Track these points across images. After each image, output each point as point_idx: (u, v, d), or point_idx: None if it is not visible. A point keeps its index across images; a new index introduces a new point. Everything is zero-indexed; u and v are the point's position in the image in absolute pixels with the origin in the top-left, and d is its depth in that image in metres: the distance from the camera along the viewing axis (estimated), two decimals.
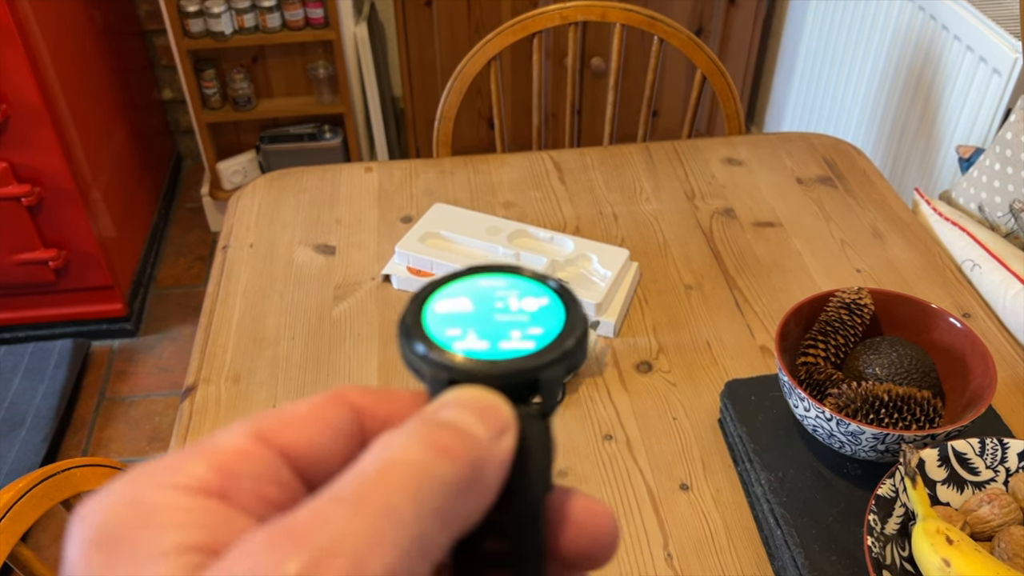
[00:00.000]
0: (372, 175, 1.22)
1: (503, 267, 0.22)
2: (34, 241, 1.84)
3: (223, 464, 0.17)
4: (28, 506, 0.77)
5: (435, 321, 0.21)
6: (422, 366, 0.20)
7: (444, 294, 0.22)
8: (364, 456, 0.17)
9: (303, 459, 0.18)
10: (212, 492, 0.17)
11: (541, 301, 0.21)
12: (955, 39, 1.51)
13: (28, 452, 1.70)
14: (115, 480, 0.17)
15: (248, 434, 0.18)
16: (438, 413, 0.18)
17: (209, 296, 1.02)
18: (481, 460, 0.17)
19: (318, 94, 2.24)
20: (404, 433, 0.17)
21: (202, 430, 0.86)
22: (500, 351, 0.20)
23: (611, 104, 1.48)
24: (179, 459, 0.17)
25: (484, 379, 0.19)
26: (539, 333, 0.20)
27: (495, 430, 0.18)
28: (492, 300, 0.22)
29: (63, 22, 1.85)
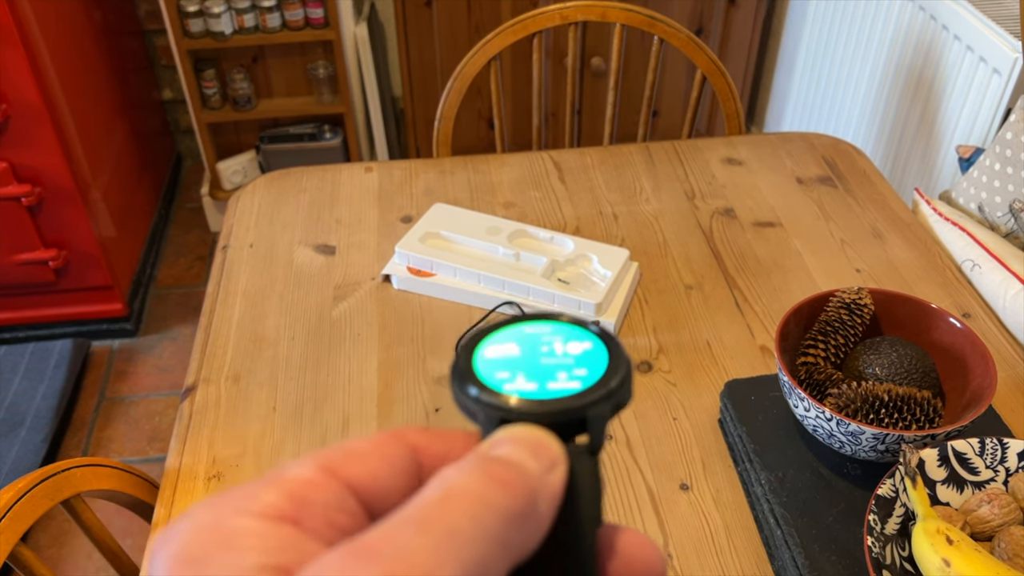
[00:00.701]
0: (372, 175, 1.22)
1: (546, 315, 0.24)
2: (34, 241, 1.84)
3: (294, 493, 0.18)
4: (28, 506, 0.77)
5: (485, 366, 0.22)
6: (475, 408, 0.21)
7: (492, 340, 0.23)
8: (426, 487, 0.18)
9: (367, 491, 0.19)
10: (285, 518, 0.18)
11: (585, 345, 0.23)
12: (955, 39, 1.51)
13: (28, 452, 1.70)
14: (194, 506, 0.18)
15: (317, 466, 0.19)
16: (493, 450, 0.19)
17: (209, 296, 1.02)
18: (534, 492, 0.18)
19: (318, 94, 2.24)
20: (462, 466, 0.18)
21: (202, 430, 0.86)
22: (548, 391, 0.21)
23: (611, 104, 1.48)
24: (253, 488, 0.19)
25: (534, 418, 0.21)
26: (584, 374, 0.22)
27: (546, 465, 0.19)
28: (538, 345, 0.23)
29: (63, 22, 1.85)
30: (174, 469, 0.83)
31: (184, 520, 0.18)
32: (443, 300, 1.00)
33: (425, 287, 1.01)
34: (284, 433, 0.85)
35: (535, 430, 0.20)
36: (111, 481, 0.86)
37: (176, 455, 0.84)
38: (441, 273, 1.01)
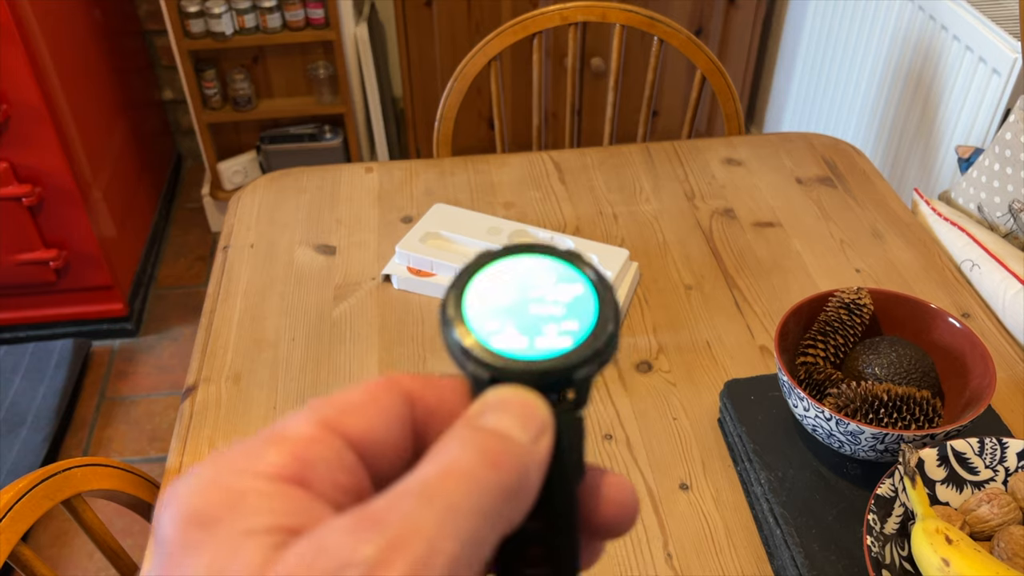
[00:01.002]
0: (372, 175, 1.22)
1: (539, 247, 0.23)
2: (34, 241, 1.84)
3: (297, 452, 0.19)
4: (28, 506, 0.77)
5: (475, 312, 0.22)
6: (465, 361, 0.21)
7: (483, 277, 0.23)
8: (424, 461, 0.19)
9: (363, 444, 0.20)
10: (292, 479, 0.18)
11: (575, 289, 0.22)
12: (954, 39, 1.51)
13: (28, 452, 1.70)
14: (199, 466, 0.19)
15: (314, 422, 0.20)
16: (483, 417, 0.20)
17: (209, 296, 1.02)
18: (525, 466, 0.19)
19: (318, 94, 2.24)
20: (457, 440, 0.19)
21: (202, 430, 0.86)
22: (537, 350, 0.21)
23: (611, 104, 1.48)
24: (256, 447, 0.19)
25: (523, 378, 0.21)
26: (574, 328, 0.22)
27: (535, 433, 0.20)
28: (529, 288, 0.23)
29: (63, 22, 1.85)
30: (175, 469, 0.83)
31: (190, 479, 0.18)
32: None
33: (425, 287, 1.01)
34: None
35: (524, 395, 0.21)
36: (112, 481, 0.86)
37: (176, 455, 0.84)
38: (441, 273, 1.01)
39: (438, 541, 0.17)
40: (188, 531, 0.18)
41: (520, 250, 0.23)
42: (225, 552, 0.17)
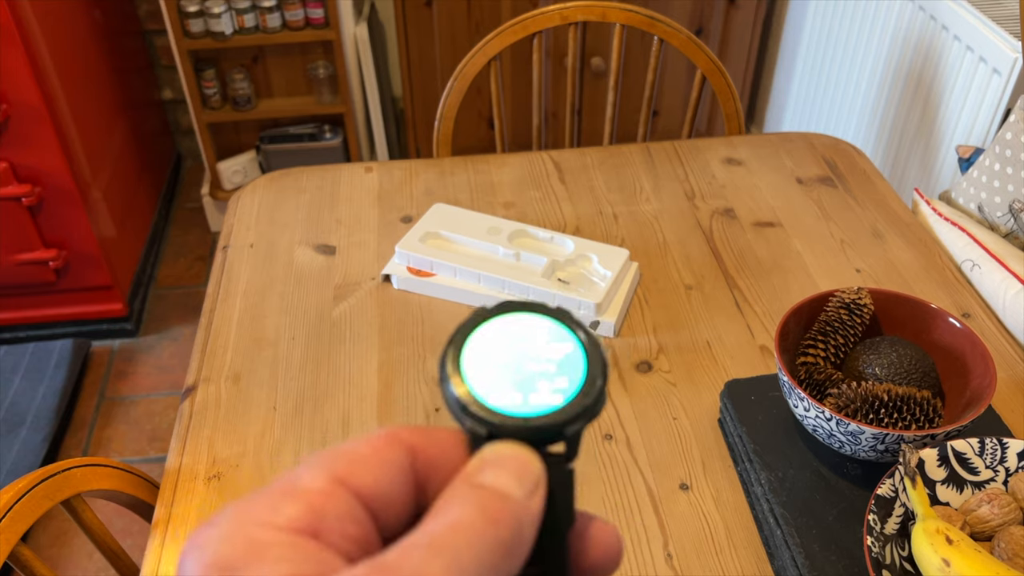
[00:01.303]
0: (372, 175, 1.22)
1: (532, 306, 0.25)
2: (34, 241, 1.84)
3: (313, 506, 0.20)
4: (28, 506, 0.77)
5: (472, 370, 0.24)
6: (463, 417, 0.23)
7: (480, 335, 0.24)
8: (430, 517, 0.20)
9: (371, 498, 0.21)
10: (307, 532, 0.20)
11: (566, 348, 0.24)
12: (955, 39, 1.51)
13: (28, 452, 1.70)
14: (221, 515, 0.20)
15: (327, 476, 0.21)
16: (482, 474, 0.22)
17: (209, 296, 1.02)
18: (520, 521, 0.21)
19: (318, 94, 2.24)
20: (459, 498, 0.21)
21: (202, 430, 0.86)
22: (531, 407, 0.23)
23: (611, 104, 1.48)
24: (273, 500, 0.20)
25: (518, 434, 0.23)
26: (564, 386, 0.23)
27: (529, 488, 0.22)
28: (523, 345, 0.24)
29: (63, 22, 1.85)
30: (174, 469, 0.83)
31: (212, 528, 0.20)
32: (443, 300, 1.00)
33: (425, 287, 1.01)
34: (284, 433, 0.85)
35: (519, 452, 0.22)
36: (111, 481, 0.86)
37: (176, 455, 0.84)
38: (441, 273, 1.01)
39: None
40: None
41: (514, 308, 0.25)
42: None
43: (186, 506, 0.79)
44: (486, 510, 0.20)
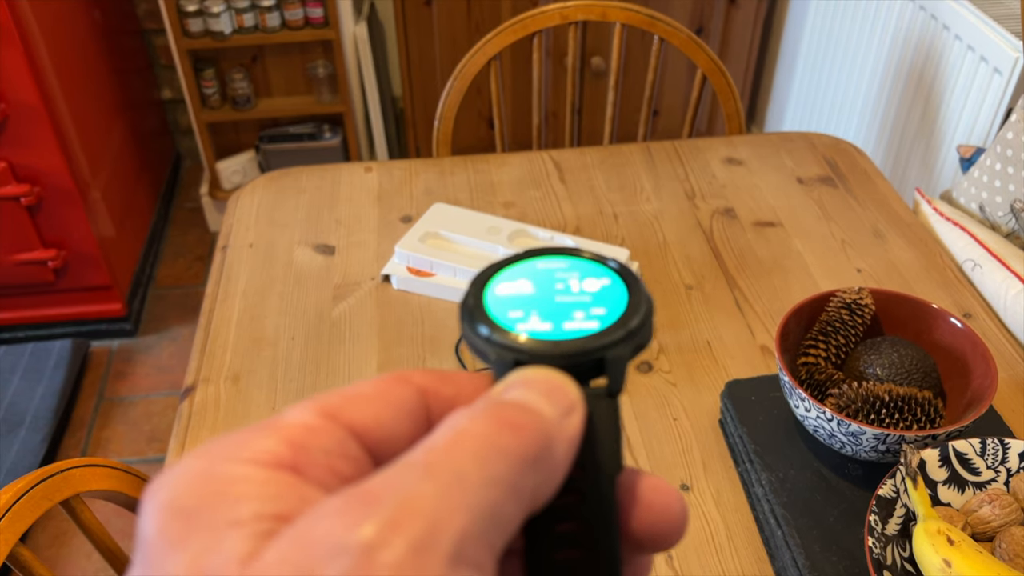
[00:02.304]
0: (372, 175, 1.21)
1: (562, 249, 0.22)
2: (33, 241, 1.84)
3: (293, 439, 0.17)
4: (27, 506, 0.77)
5: (497, 303, 0.21)
6: (486, 348, 0.20)
7: (504, 277, 0.22)
8: (434, 432, 0.17)
9: (371, 436, 0.18)
10: (284, 465, 0.17)
11: (602, 282, 0.21)
12: (956, 39, 1.51)
13: (27, 452, 1.69)
14: (185, 456, 0.17)
15: (315, 411, 0.18)
16: (505, 393, 0.18)
17: (208, 296, 1.02)
18: (549, 436, 0.17)
19: (317, 94, 2.24)
20: (472, 410, 0.18)
21: (201, 431, 0.86)
22: (564, 331, 0.20)
23: (611, 104, 1.48)
24: (248, 435, 0.17)
25: (549, 359, 0.19)
26: (602, 313, 0.20)
27: (563, 409, 0.18)
28: (553, 282, 0.22)
29: (62, 21, 1.84)
30: None
31: (175, 470, 0.17)
32: (443, 300, 1.00)
33: (425, 287, 1.00)
34: None
35: (550, 372, 0.19)
36: (110, 481, 0.86)
37: (175, 456, 0.84)
38: (441, 273, 1.00)
39: (443, 515, 0.15)
40: (170, 524, 0.16)
41: (542, 252, 0.22)
42: (208, 545, 0.15)
43: None
44: (504, 418, 0.17)
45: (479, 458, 0.16)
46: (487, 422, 0.17)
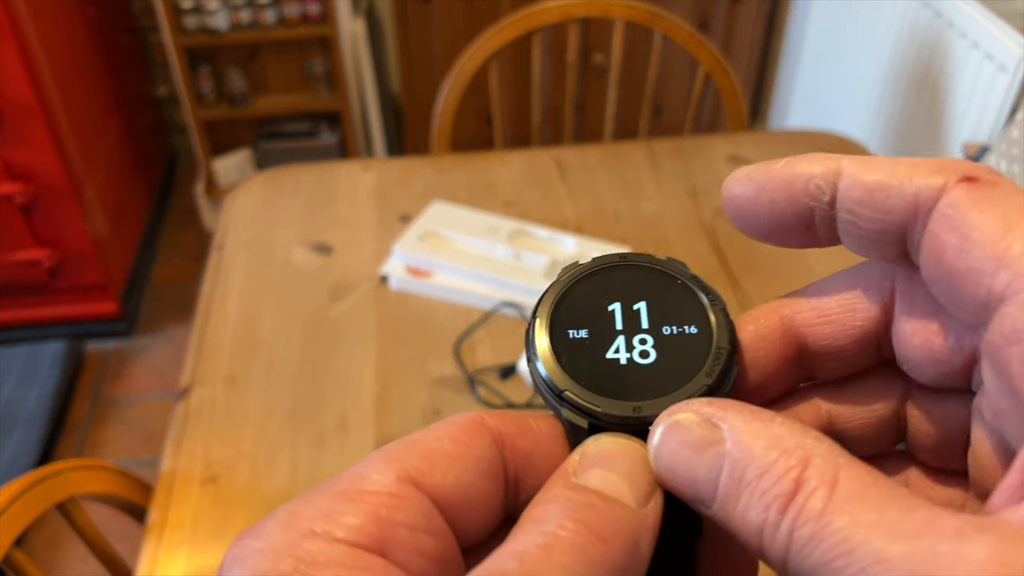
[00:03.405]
0: (370, 173, 1.20)
1: (634, 258, 0.21)
2: (27, 240, 1.82)
3: (379, 512, 0.16)
4: (22, 509, 0.76)
5: (566, 344, 0.19)
6: (559, 406, 0.19)
7: (574, 301, 0.20)
8: (519, 530, 0.16)
9: (453, 502, 0.17)
10: (372, 547, 0.16)
11: (679, 312, 0.20)
12: (961, 36, 1.50)
13: (22, 454, 1.68)
14: (266, 523, 0.16)
15: (398, 476, 0.17)
16: (584, 475, 0.17)
17: (204, 296, 1.01)
18: (636, 536, 0.16)
19: (315, 91, 2.22)
20: (557, 504, 0.17)
21: (197, 432, 0.85)
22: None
23: (613, 101, 1.47)
24: (332, 503, 0.16)
25: (625, 426, 0.18)
26: (680, 366, 0.19)
27: (644, 494, 0.17)
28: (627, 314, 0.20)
29: (57, 18, 1.83)
30: (169, 472, 0.81)
31: (257, 539, 0.16)
32: (442, 300, 0.98)
33: (424, 287, 0.99)
34: (280, 435, 0.84)
35: (630, 446, 0.18)
36: (106, 484, 0.84)
37: (171, 458, 0.83)
38: (440, 273, 0.99)
39: None
40: None
41: (613, 263, 0.20)
42: None
43: (181, 509, 0.78)
44: (591, 523, 0.16)
45: (572, 572, 0.15)
46: (576, 528, 0.16)
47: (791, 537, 0.15)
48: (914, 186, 0.17)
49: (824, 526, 0.15)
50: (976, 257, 0.16)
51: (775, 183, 0.19)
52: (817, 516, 0.15)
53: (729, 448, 0.16)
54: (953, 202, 0.16)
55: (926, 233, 0.17)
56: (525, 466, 0.18)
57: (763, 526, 0.15)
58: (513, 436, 0.18)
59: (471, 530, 0.18)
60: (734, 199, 0.20)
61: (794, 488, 0.15)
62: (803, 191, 0.18)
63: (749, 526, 0.16)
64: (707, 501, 0.17)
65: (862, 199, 0.18)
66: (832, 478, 0.15)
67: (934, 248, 0.17)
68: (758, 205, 0.19)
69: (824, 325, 0.20)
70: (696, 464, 0.17)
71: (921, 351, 0.19)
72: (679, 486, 0.17)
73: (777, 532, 0.15)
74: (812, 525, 0.15)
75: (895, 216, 0.17)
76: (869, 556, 0.14)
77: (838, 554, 0.14)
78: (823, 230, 0.19)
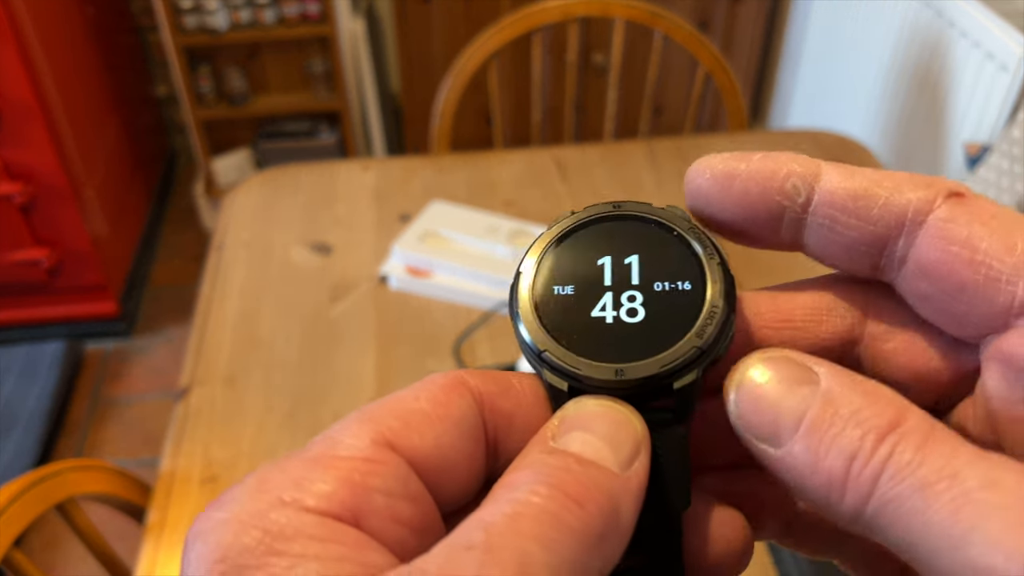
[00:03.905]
0: (369, 173, 1.20)
1: (623, 209, 0.19)
2: (26, 240, 1.82)
3: (353, 479, 0.15)
4: (21, 509, 0.76)
5: (549, 302, 0.18)
6: (539, 366, 0.18)
7: (559, 257, 0.19)
8: (489, 498, 0.15)
9: (430, 464, 0.16)
10: (344, 515, 0.15)
11: (672, 267, 0.18)
12: (961, 35, 1.50)
13: (21, 454, 1.68)
14: (236, 490, 0.15)
15: (373, 439, 0.16)
16: (563, 438, 0.16)
17: (203, 296, 1.00)
18: (616, 500, 0.15)
19: (314, 90, 2.22)
20: (531, 469, 0.16)
21: (196, 432, 0.84)
22: (626, 352, 0.17)
23: (613, 101, 1.46)
24: (303, 470, 0.16)
25: (609, 388, 0.17)
26: (670, 322, 0.18)
27: (628, 455, 0.16)
28: (616, 269, 0.19)
29: (56, 18, 1.83)
30: (168, 472, 0.81)
31: (224, 510, 0.15)
32: (442, 300, 0.98)
33: (423, 287, 0.99)
34: (280, 435, 0.84)
35: (612, 408, 0.17)
36: (105, 484, 0.84)
37: (171, 458, 0.83)
38: (439, 272, 0.99)
39: None
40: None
41: (606, 214, 0.19)
42: None
43: (180, 510, 0.78)
44: (566, 487, 0.15)
45: (543, 540, 0.14)
46: (549, 493, 0.15)
47: (886, 464, 0.14)
48: (904, 198, 0.17)
49: (927, 453, 0.14)
50: (994, 268, 0.16)
51: (750, 173, 0.18)
52: (918, 446, 0.14)
53: (824, 386, 0.16)
54: (949, 216, 0.16)
55: (921, 246, 0.17)
56: (506, 427, 0.17)
57: (855, 455, 0.15)
58: (494, 396, 0.18)
59: (451, 494, 0.17)
60: (701, 186, 0.19)
61: (895, 422, 0.15)
62: (778, 188, 0.18)
63: (834, 460, 0.15)
64: (783, 437, 0.16)
65: (845, 206, 0.17)
66: (930, 426, 0.15)
67: (937, 261, 0.16)
68: (728, 194, 0.18)
69: (785, 329, 0.19)
70: (784, 397, 0.16)
71: (906, 371, 0.18)
72: (757, 421, 0.16)
73: (871, 460, 0.15)
74: (912, 452, 0.14)
75: (879, 227, 0.17)
76: (977, 479, 0.14)
77: (941, 477, 0.14)
78: (788, 232, 0.18)
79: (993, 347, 0.16)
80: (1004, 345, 0.16)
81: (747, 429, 0.17)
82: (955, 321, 0.17)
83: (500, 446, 0.18)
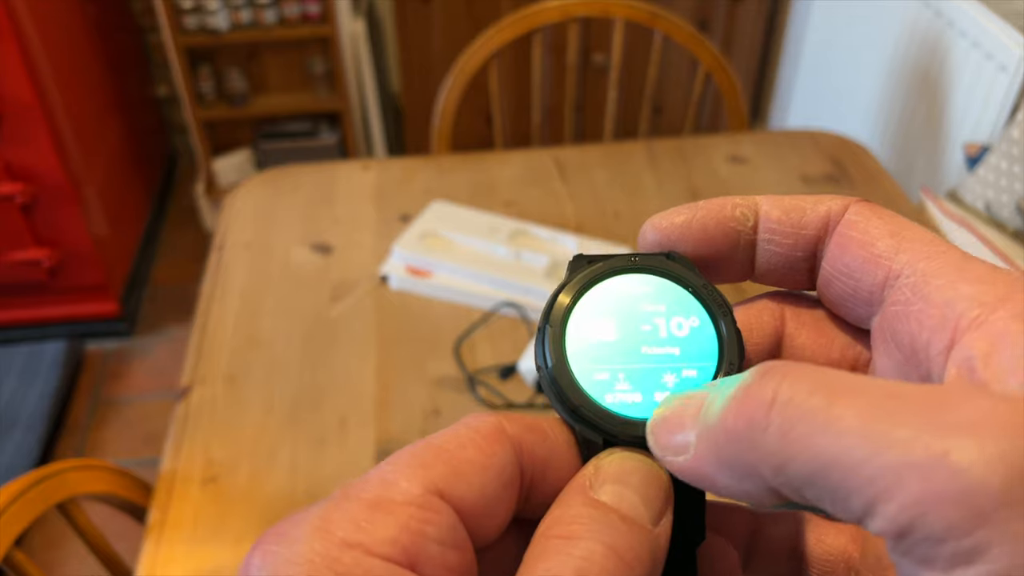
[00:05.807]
0: (370, 173, 1.20)
1: (641, 263, 0.21)
2: (27, 240, 1.82)
3: (411, 526, 0.16)
4: (22, 509, 0.76)
5: (579, 355, 0.19)
6: (573, 421, 0.19)
7: (584, 309, 0.20)
8: (549, 550, 0.17)
9: (475, 512, 0.17)
10: (404, 561, 0.16)
11: (691, 322, 0.20)
12: (961, 35, 1.50)
13: (22, 454, 1.68)
14: (292, 526, 0.16)
15: (426, 487, 0.17)
16: (600, 488, 0.18)
17: (204, 296, 1.01)
18: (652, 552, 0.17)
19: (315, 91, 2.22)
20: (578, 525, 0.17)
21: (197, 432, 0.84)
22: (656, 404, 0.19)
23: (613, 101, 1.47)
24: (364, 512, 0.16)
25: (639, 443, 0.19)
26: (694, 376, 0.19)
27: (658, 512, 0.18)
28: (638, 321, 0.20)
29: (57, 18, 1.83)
30: (169, 472, 0.81)
31: (286, 546, 0.16)
32: (442, 301, 0.98)
33: (423, 287, 0.99)
34: (280, 435, 0.84)
35: (644, 463, 0.18)
36: (106, 484, 0.84)
37: (171, 457, 0.83)
38: (440, 273, 0.99)
39: None
40: None
41: (620, 268, 0.20)
42: None
43: (181, 510, 0.78)
44: (617, 547, 0.17)
45: None
46: (605, 553, 0.17)
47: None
48: (825, 206, 0.20)
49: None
50: (878, 247, 0.19)
51: (705, 211, 0.21)
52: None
53: None
54: (856, 212, 0.20)
55: (834, 235, 0.20)
56: (541, 472, 0.19)
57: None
58: (530, 442, 0.19)
59: (485, 536, 0.18)
60: (665, 229, 0.21)
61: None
62: (730, 216, 0.21)
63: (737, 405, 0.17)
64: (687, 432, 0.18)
65: (781, 218, 0.21)
66: None
67: (841, 245, 0.20)
68: (690, 231, 0.21)
69: None
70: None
71: (815, 361, 0.21)
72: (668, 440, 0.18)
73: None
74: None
75: (809, 230, 0.20)
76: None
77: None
78: (743, 255, 0.21)
79: (876, 325, 0.19)
80: (884, 311, 0.19)
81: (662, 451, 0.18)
82: (849, 303, 0.20)
83: (534, 489, 0.19)
